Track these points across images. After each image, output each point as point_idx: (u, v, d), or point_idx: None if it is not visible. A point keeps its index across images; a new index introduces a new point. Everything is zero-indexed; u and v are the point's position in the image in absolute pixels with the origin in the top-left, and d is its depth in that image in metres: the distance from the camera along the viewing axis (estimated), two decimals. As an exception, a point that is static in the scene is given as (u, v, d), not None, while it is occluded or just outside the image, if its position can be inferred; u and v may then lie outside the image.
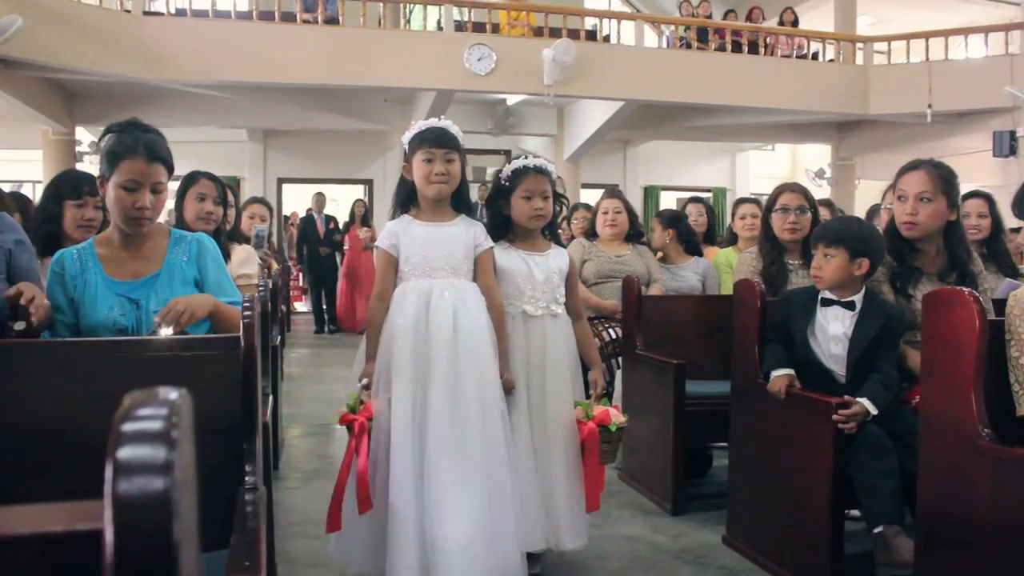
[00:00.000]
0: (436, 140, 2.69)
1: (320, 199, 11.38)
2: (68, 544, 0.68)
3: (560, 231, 3.62)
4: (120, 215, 2.23)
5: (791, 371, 2.90)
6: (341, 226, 11.17)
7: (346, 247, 11.11)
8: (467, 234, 2.75)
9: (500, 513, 2.52)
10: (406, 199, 2.80)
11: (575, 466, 2.80)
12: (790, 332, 2.94)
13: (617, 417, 2.78)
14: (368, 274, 10.18)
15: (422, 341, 2.57)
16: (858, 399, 2.68)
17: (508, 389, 2.69)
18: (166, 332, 2.07)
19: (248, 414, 1.81)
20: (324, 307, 11.18)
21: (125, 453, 0.60)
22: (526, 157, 2.98)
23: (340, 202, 10.23)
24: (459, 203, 2.81)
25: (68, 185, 3.07)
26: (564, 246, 3.14)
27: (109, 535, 0.59)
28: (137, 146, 2.19)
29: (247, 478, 1.75)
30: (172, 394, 0.66)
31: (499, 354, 2.68)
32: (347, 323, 11.12)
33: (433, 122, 2.75)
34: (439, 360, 2.55)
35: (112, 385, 1.65)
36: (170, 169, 2.28)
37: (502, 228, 2.97)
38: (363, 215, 11.23)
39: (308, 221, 11.29)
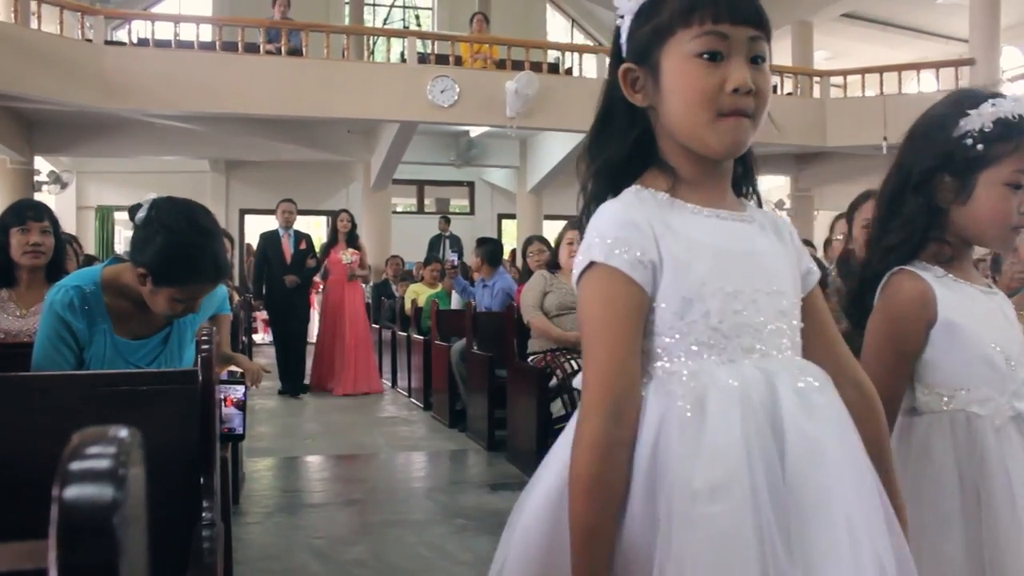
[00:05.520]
0: (732, 6, 1.06)
1: (288, 210, 7.82)
2: (14, 585, 0.68)
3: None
4: (160, 311, 2.15)
5: None
6: (318, 248, 8.10)
7: (317, 280, 8.56)
8: (781, 244, 1.17)
9: None
10: (624, 162, 1.15)
11: None
12: None
13: None
14: (355, 314, 7.88)
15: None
16: None
17: None
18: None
19: (205, 449, 1.80)
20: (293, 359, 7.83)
21: (71, 492, 0.59)
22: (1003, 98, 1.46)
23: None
24: (746, 172, 1.21)
25: (11, 213, 3.06)
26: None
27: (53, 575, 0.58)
28: (211, 273, 2.11)
29: (204, 514, 1.73)
30: (122, 432, 0.66)
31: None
32: (322, 382, 7.95)
33: None
34: None
35: (66, 421, 1.62)
36: None
37: (920, 237, 1.52)
38: (349, 232, 7.93)
39: (271, 240, 7.82)
